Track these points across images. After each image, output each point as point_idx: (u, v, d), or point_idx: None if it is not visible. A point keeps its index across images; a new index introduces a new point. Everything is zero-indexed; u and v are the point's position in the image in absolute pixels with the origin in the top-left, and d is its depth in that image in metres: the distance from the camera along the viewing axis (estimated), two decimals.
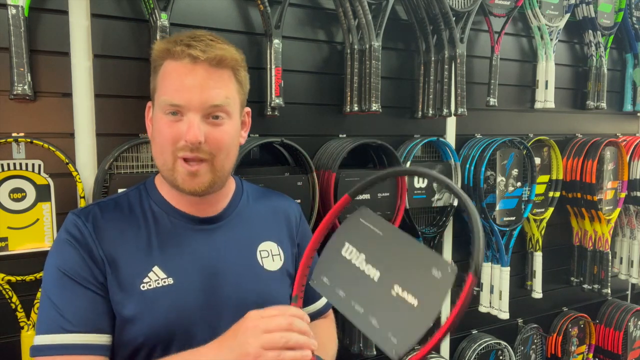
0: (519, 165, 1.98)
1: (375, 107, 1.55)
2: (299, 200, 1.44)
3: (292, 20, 1.58)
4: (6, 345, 1.27)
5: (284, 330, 0.78)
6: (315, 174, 1.53)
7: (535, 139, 2.11)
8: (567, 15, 2.07)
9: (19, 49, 1.17)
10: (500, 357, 2.09)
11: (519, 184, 1.98)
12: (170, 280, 0.95)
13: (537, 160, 2.10)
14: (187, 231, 1.00)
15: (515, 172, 1.97)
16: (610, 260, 2.24)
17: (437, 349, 2.01)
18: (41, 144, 1.24)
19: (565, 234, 2.36)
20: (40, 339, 0.88)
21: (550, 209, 2.16)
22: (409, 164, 1.74)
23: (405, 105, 1.84)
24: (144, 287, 0.93)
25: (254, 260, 1.05)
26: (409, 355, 0.67)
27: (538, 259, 2.15)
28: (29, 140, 1.23)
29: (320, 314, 1.20)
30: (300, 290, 0.85)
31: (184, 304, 0.95)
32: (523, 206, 2.01)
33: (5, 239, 1.24)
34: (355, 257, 0.80)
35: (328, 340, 1.18)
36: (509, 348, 2.09)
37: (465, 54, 1.74)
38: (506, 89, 2.07)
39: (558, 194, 2.17)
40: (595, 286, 2.25)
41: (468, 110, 1.78)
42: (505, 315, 1.95)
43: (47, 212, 1.28)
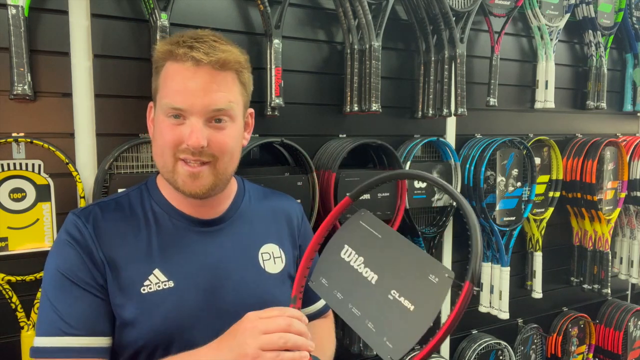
0: (519, 165, 1.98)
1: (375, 107, 1.55)
2: (299, 200, 1.44)
3: (292, 20, 1.57)
4: (6, 345, 1.27)
5: (283, 331, 0.78)
6: (315, 174, 1.53)
7: (535, 139, 2.11)
8: (567, 15, 2.07)
9: (19, 49, 1.16)
10: (500, 357, 2.09)
11: (519, 184, 1.98)
12: (170, 284, 0.94)
13: (537, 160, 2.10)
14: (189, 233, 0.99)
15: (515, 172, 1.97)
16: (610, 260, 2.24)
17: (437, 350, 2.01)
18: (41, 144, 1.24)
19: (565, 234, 2.35)
20: (40, 341, 0.88)
21: (550, 209, 2.16)
22: (409, 164, 1.74)
23: (405, 105, 1.84)
24: (144, 290, 0.92)
25: (255, 263, 1.04)
26: None
27: (538, 259, 2.15)
28: (29, 140, 1.23)
29: (320, 314, 1.20)
30: (300, 291, 0.85)
31: (185, 307, 0.94)
32: (523, 206, 2.01)
33: (5, 239, 1.24)
34: (354, 260, 0.80)
35: (326, 340, 1.18)
36: (509, 348, 2.09)
37: (465, 54, 1.74)
38: (506, 89, 2.07)
39: (558, 194, 2.17)
40: (595, 286, 2.25)
41: (468, 110, 1.77)
42: (505, 315, 1.95)
43: (47, 212, 1.28)
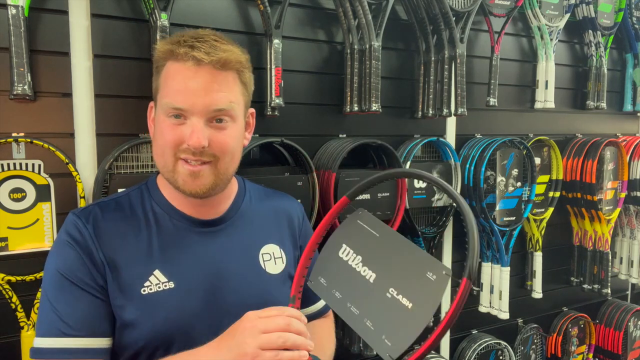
0: (519, 165, 1.98)
1: (375, 107, 1.55)
2: (299, 200, 1.44)
3: (292, 20, 1.57)
4: (6, 345, 1.27)
5: (282, 331, 0.78)
6: (315, 174, 1.53)
7: (535, 139, 2.11)
8: (567, 15, 2.07)
9: (19, 49, 1.16)
10: (500, 357, 2.09)
11: (519, 184, 1.98)
12: (171, 284, 0.94)
13: (537, 160, 2.10)
14: (189, 234, 0.99)
15: (515, 172, 1.97)
16: (610, 260, 2.24)
17: (437, 349, 2.01)
18: (41, 144, 1.24)
19: (565, 234, 2.35)
20: (40, 342, 0.88)
21: (550, 209, 2.16)
22: (409, 164, 1.74)
23: (405, 105, 1.84)
24: (144, 291, 0.92)
25: (256, 264, 1.04)
26: (404, 358, 0.67)
27: (538, 259, 2.15)
28: (29, 140, 1.23)
29: (321, 314, 1.20)
30: (298, 290, 0.86)
31: (185, 308, 0.94)
32: (523, 206, 2.01)
33: (5, 239, 1.24)
34: (352, 259, 0.80)
35: (326, 340, 1.18)
36: (509, 348, 2.09)
37: (465, 54, 1.74)
38: (506, 89, 2.07)
39: (558, 194, 2.17)
40: (595, 286, 2.25)
41: (468, 110, 1.77)
42: (505, 315, 1.95)
43: (47, 212, 1.28)
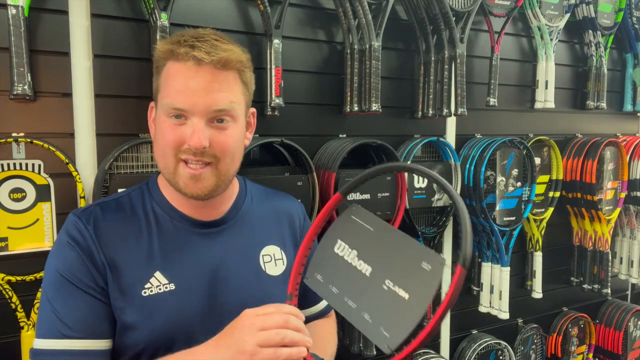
0: (519, 165, 1.98)
1: (375, 107, 1.55)
2: (299, 200, 1.44)
3: (292, 20, 1.57)
4: (6, 345, 1.27)
5: (280, 328, 0.78)
6: (315, 174, 1.53)
7: (535, 139, 2.11)
8: (567, 15, 2.07)
9: (19, 49, 1.16)
10: (500, 357, 2.09)
11: (519, 184, 1.98)
12: (171, 286, 0.94)
13: (537, 160, 2.10)
14: (190, 235, 0.99)
15: (515, 172, 1.97)
16: (610, 260, 2.24)
17: (437, 349, 2.01)
18: (41, 144, 1.24)
19: (565, 234, 2.36)
20: (39, 343, 0.88)
21: (550, 209, 2.16)
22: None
23: (405, 105, 1.84)
24: (145, 293, 0.92)
25: (256, 266, 1.04)
26: (402, 349, 0.67)
27: (538, 259, 2.15)
28: (29, 140, 1.23)
29: (323, 314, 1.20)
30: (295, 288, 0.86)
31: (186, 310, 0.94)
32: (523, 206, 2.01)
33: (5, 239, 1.24)
34: (347, 254, 0.81)
35: (328, 340, 1.18)
36: (509, 348, 2.09)
37: (465, 54, 1.74)
38: (506, 89, 2.07)
39: (558, 194, 2.17)
40: (595, 286, 2.25)
41: (468, 110, 1.77)
42: (505, 315, 1.95)
43: (47, 212, 1.28)
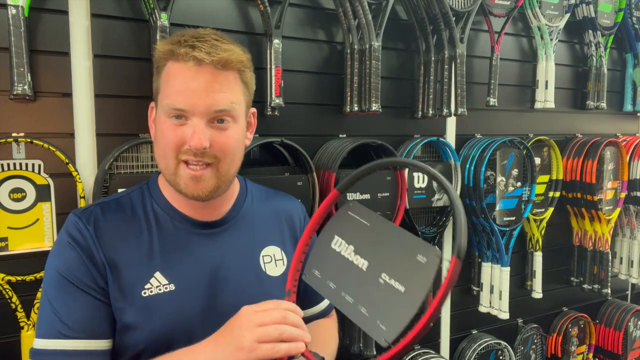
0: (519, 165, 1.98)
1: (375, 107, 1.55)
2: (299, 200, 1.44)
3: (292, 20, 1.57)
4: (6, 345, 1.27)
5: (278, 323, 0.78)
6: (315, 174, 1.53)
7: (535, 139, 2.11)
8: (567, 15, 2.07)
9: (19, 49, 1.16)
10: (500, 357, 2.09)
11: (519, 184, 1.98)
12: (171, 287, 0.94)
13: (537, 160, 2.10)
14: (190, 235, 0.99)
15: (515, 172, 1.97)
16: (610, 260, 2.24)
17: (437, 349, 2.01)
18: (41, 144, 1.24)
19: (565, 234, 2.36)
20: (39, 343, 0.88)
21: (550, 209, 2.16)
22: None
23: (405, 105, 1.84)
24: (145, 294, 0.92)
25: (256, 266, 1.04)
26: (399, 341, 0.68)
27: (538, 259, 2.15)
28: (29, 140, 1.23)
29: (324, 314, 1.20)
30: (293, 284, 0.86)
31: (185, 310, 0.94)
32: (523, 206, 2.01)
33: (5, 239, 1.24)
34: (344, 249, 0.81)
35: (328, 339, 1.18)
36: (509, 348, 2.09)
37: (465, 54, 1.74)
38: (506, 89, 2.07)
39: (558, 194, 2.17)
40: (595, 286, 2.25)
41: (468, 110, 1.78)
42: (505, 315, 1.95)
43: (47, 212, 1.28)
